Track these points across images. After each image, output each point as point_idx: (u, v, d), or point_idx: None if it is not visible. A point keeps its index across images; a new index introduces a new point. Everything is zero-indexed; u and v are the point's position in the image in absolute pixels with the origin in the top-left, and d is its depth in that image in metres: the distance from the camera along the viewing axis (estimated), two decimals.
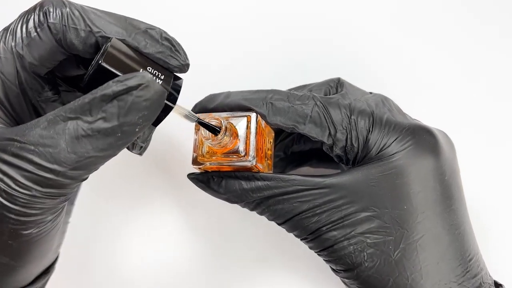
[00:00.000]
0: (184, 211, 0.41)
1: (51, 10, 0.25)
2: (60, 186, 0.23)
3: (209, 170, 0.32)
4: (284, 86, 0.36)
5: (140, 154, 0.31)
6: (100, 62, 0.24)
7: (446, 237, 0.29)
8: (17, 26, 0.25)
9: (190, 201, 0.41)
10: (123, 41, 0.26)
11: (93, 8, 0.26)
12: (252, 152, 0.30)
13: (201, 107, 0.33)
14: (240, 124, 0.31)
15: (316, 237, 0.29)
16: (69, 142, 0.22)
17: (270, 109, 0.30)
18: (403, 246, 0.28)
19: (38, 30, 0.25)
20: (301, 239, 0.31)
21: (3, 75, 0.25)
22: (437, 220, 0.29)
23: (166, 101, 0.26)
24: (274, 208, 0.30)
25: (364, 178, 0.29)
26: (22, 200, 0.22)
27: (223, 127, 0.29)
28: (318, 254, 0.31)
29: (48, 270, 0.30)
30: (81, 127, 0.22)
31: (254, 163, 0.30)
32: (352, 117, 0.30)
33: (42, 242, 0.25)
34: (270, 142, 0.33)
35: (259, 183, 0.30)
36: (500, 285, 0.31)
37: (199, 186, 0.32)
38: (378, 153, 0.29)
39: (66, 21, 0.25)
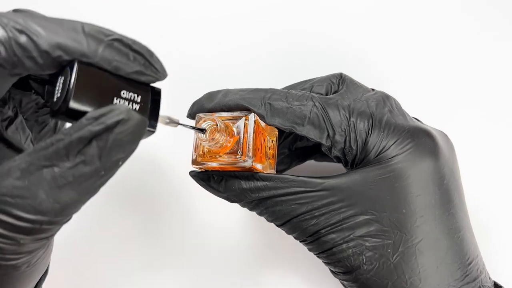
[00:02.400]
0: (183, 211, 0.41)
1: None
2: (47, 231, 0.22)
3: (210, 170, 0.32)
4: (285, 83, 0.36)
5: None
6: (69, 105, 0.21)
7: (445, 241, 0.29)
8: None
9: (190, 201, 0.41)
10: (89, 64, 0.21)
11: (37, 17, 0.21)
12: (248, 152, 0.29)
13: (199, 106, 0.32)
14: (238, 124, 0.30)
15: (315, 240, 0.29)
16: (50, 193, 0.20)
17: (268, 110, 0.30)
18: (401, 250, 0.28)
19: None
20: (300, 241, 0.31)
21: None
22: (436, 224, 0.29)
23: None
24: (273, 209, 0.30)
25: (363, 181, 0.28)
26: (11, 249, 0.21)
27: (218, 128, 0.29)
28: (317, 256, 0.31)
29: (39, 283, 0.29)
30: (60, 175, 0.20)
31: (251, 164, 0.29)
32: (351, 119, 0.30)
33: (31, 272, 0.24)
34: (273, 141, 0.33)
35: (258, 183, 0.30)
36: (500, 286, 0.30)
37: (200, 184, 0.32)
38: (377, 156, 0.29)
39: (15, 51, 0.20)
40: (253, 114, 0.30)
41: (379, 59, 0.42)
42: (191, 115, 0.32)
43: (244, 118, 0.30)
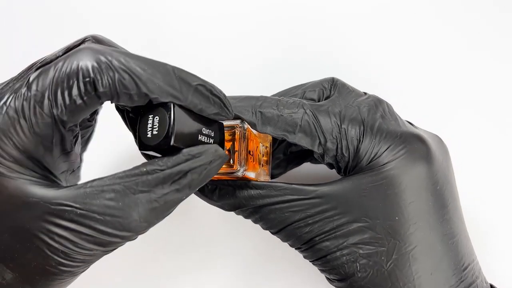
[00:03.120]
0: (182, 211, 0.41)
1: (99, 78, 0.22)
2: (120, 244, 0.24)
3: None
4: (284, 84, 0.36)
5: None
6: (171, 143, 0.23)
7: (440, 247, 0.28)
8: (55, 91, 0.22)
9: (189, 201, 0.41)
10: (180, 106, 0.24)
11: (136, 59, 0.23)
12: (239, 162, 0.29)
13: None
14: (230, 133, 0.30)
15: (310, 247, 0.29)
16: (143, 214, 0.23)
17: (259, 118, 0.30)
18: (395, 257, 0.28)
19: (85, 98, 0.23)
20: (296, 249, 0.31)
21: (40, 137, 0.23)
22: (430, 231, 0.28)
23: None
24: (267, 217, 0.30)
25: (355, 188, 0.28)
26: (81, 258, 0.23)
27: None
28: (313, 263, 0.30)
29: None
30: (155, 200, 0.23)
31: (242, 173, 0.29)
32: (342, 126, 0.29)
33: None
34: (266, 147, 0.33)
35: (252, 192, 0.30)
36: None
37: (195, 193, 0.32)
38: (369, 162, 0.29)
39: (117, 88, 0.22)
40: (244, 122, 0.30)
41: (378, 58, 0.41)
42: None
43: (235, 126, 0.30)
